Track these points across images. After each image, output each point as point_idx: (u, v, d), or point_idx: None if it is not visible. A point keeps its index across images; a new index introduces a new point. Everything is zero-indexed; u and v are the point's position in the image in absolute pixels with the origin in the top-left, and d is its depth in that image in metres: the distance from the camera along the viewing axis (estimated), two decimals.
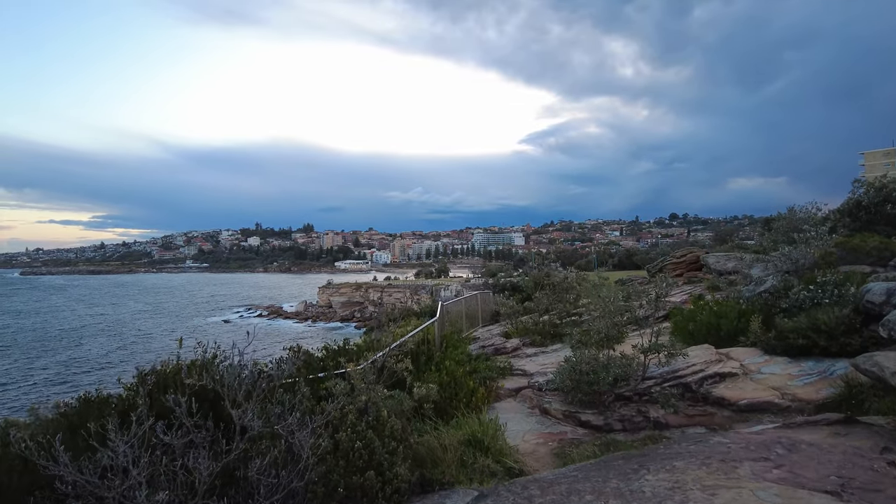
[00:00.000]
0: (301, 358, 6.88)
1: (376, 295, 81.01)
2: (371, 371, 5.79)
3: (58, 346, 46.48)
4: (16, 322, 64.76)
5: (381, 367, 5.88)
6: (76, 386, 31.05)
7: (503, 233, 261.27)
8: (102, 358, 40.88)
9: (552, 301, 12.28)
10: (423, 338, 8.89)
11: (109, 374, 33.84)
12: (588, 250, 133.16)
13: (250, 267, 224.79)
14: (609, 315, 6.62)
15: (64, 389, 31.16)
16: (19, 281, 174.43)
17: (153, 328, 58.77)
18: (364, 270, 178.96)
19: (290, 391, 4.87)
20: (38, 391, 31.41)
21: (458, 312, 14.31)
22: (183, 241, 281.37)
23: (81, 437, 3.86)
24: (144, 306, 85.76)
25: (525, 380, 8.51)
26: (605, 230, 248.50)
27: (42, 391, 31.41)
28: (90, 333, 55.45)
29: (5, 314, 74.76)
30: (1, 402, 28.98)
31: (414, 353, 7.86)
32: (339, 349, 7.02)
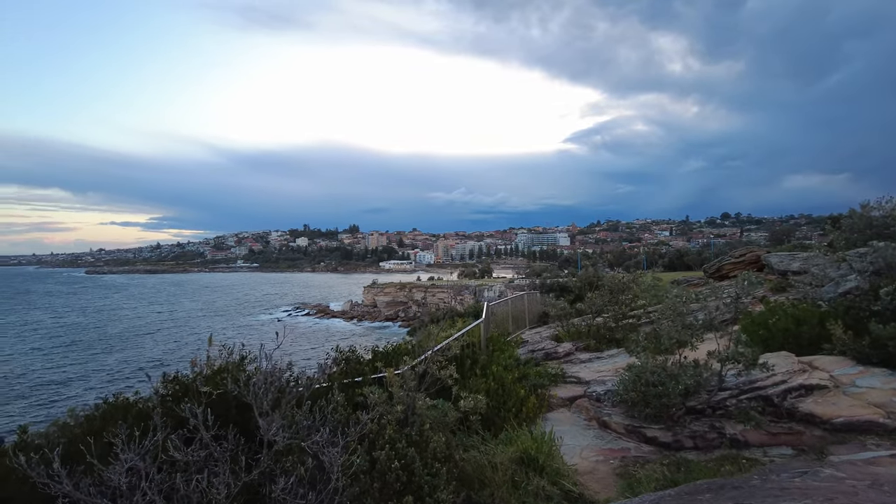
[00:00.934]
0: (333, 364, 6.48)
1: (420, 295, 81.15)
2: (412, 377, 5.28)
3: (118, 345, 48.28)
4: (82, 320, 67.94)
5: (423, 373, 5.35)
6: (132, 385, 31.99)
7: (547, 233, 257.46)
8: (158, 357, 42.14)
9: (606, 302, 11.45)
10: (468, 340, 8.33)
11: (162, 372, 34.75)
12: (637, 250, 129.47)
13: (298, 267, 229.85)
14: (680, 317, 5.86)
15: (120, 388, 32.21)
16: (85, 279, 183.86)
17: (207, 328, 60.43)
18: (408, 270, 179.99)
19: (325, 398, 4.41)
20: (98, 389, 32.58)
21: (503, 313, 13.67)
22: (234, 241, 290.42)
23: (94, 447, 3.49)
24: (199, 305, 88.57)
25: (580, 388, 7.82)
26: (653, 230, 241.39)
27: (105, 389, 32.50)
28: (148, 332, 57.50)
29: (73, 311, 78.78)
30: (62, 399, 30.16)
31: (459, 357, 7.31)
32: (376, 352, 6.54)
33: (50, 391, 31.69)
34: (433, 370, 5.27)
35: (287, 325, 66.99)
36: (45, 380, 34.93)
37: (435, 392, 5.61)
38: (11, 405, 28.69)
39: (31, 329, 60.00)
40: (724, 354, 5.68)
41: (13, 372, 36.80)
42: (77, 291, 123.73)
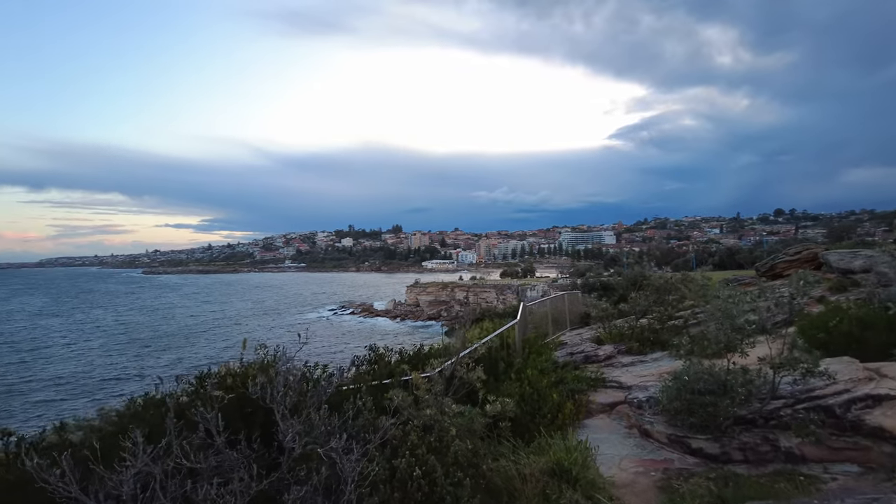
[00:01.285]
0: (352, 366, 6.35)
1: (462, 294, 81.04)
2: (439, 381, 5.08)
3: (172, 344, 50.05)
4: (140, 318, 70.98)
5: (451, 376, 5.14)
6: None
7: (592, 231, 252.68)
8: (211, 355, 43.44)
9: (651, 303, 10.91)
10: (502, 342, 8.06)
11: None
12: (686, 249, 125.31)
13: (344, 266, 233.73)
14: (729, 319, 5.42)
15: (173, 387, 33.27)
16: (141, 279, 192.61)
17: (257, 327, 62.08)
18: (450, 270, 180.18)
19: (351, 400, 4.26)
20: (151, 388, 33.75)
21: (542, 314, 13.30)
22: (282, 242, 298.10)
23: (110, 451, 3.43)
24: (250, 304, 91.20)
25: (621, 393, 7.43)
26: (703, 227, 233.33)
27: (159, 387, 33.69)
28: (202, 330, 59.50)
29: (132, 310, 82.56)
30: (117, 396, 31.45)
31: (490, 360, 7.06)
32: (404, 354, 6.37)
33: (107, 390, 32.97)
34: (461, 373, 5.05)
35: (333, 324, 68.32)
36: (108, 376, 36.54)
37: (464, 395, 5.39)
38: (71, 402, 30.14)
39: (94, 327, 63.11)
40: (778, 360, 5.23)
41: (79, 369, 38.68)
42: (135, 291, 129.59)
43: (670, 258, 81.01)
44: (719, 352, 5.50)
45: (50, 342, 52.08)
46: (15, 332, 58.50)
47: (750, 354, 5.78)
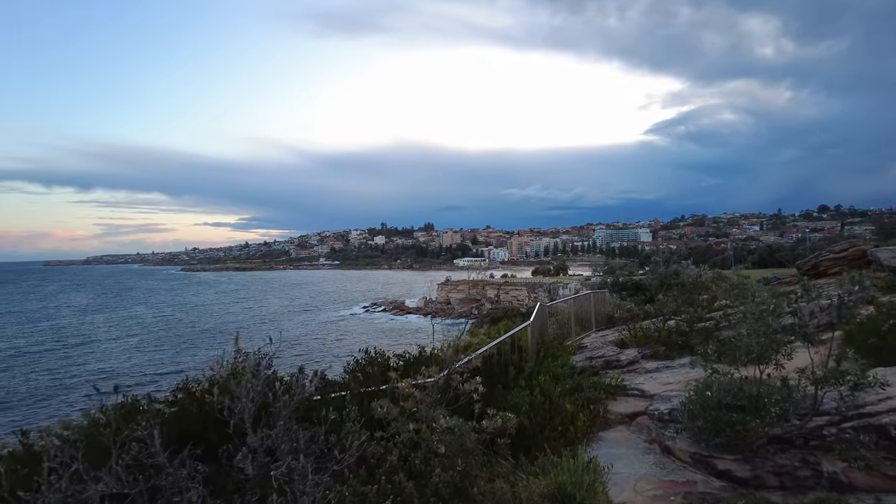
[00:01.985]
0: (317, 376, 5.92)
1: (493, 292, 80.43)
2: (432, 390, 4.59)
3: (210, 341, 50.85)
4: (179, 315, 72.69)
5: (446, 386, 4.64)
6: None
7: (627, 228, 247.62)
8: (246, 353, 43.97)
9: (680, 303, 10.12)
10: (514, 345, 7.51)
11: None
12: (724, 246, 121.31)
13: (376, 264, 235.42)
14: (763, 324, 4.76)
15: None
16: (181, 276, 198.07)
17: (292, 326, 62.82)
18: (482, 268, 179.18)
19: (324, 412, 3.82)
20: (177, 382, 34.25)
21: (566, 314, 12.66)
22: (317, 240, 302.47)
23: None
24: (285, 302, 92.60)
25: (643, 403, 6.79)
26: (742, 224, 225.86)
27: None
28: (237, 327, 60.48)
29: (171, 307, 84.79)
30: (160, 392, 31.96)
31: (499, 365, 6.54)
32: (404, 357, 5.87)
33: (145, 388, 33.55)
34: (456, 382, 4.55)
35: (363, 321, 68.73)
36: (148, 371, 37.31)
37: (464, 405, 4.88)
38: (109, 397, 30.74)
39: (135, 323, 64.91)
40: (821, 371, 4.54)
41: (120, 364, 39.64)
42: (174, 288, 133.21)
43: (708, 256, 78.55)
44: (752, 361, 4.83)
45: (94, 337, 53.80)
46: (64, 328, 60.66)
47: (787, 366, 5.10)
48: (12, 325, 64.25)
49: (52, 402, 30.13)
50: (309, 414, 4.93)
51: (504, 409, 5.90)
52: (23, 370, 38.82)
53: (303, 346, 47.89)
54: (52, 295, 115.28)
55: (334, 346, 46.97)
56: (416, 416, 4.37)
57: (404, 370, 5.02)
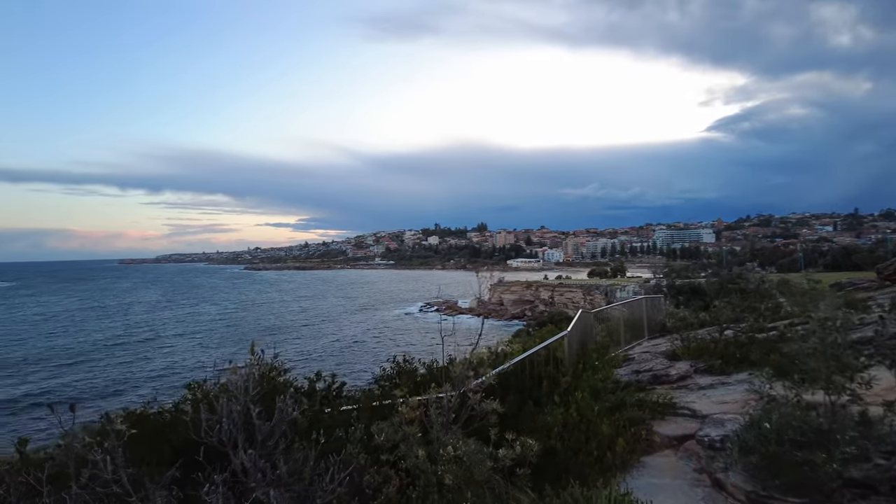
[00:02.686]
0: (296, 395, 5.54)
1: (547, 294, 78.99)
2: (449, 408, 4.14)
3: (269, 338, 52.19)
4: (241, 313, 75.19)
5: (461, 405, 4.18)
6: None
7: (689, 229, 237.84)
8: (304, 352, 44.79)
9: (739, 311, 9.14)
10: (549, 356, 6.93)
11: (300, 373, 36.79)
12: (793, 248, 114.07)
13: (430, 264, 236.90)
14: (833, 344, 4.02)
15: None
16: (244, 275, 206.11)
17: (349, 325, 63.74)
18: (536, 269, 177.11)
19: (315, 434, 3.45)
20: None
21: (616, 320, 11.89)
22: (372, 240, 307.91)
23: None
24: (343, 301, 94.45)
25: (693, 424, 6.07)
26: (813, 225, 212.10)
27: None
28: (298, 325, 61.90)
29: (234, 304, 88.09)
30: None
31: (531, 379, 6.00)
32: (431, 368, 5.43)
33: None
34: (472, 401, 4.08)
35: (418, 321, 69.06)
36: (210, 369, 38.57)
37: (481, 428, 4.41)
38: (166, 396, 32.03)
39: (201, 320, 67.60)
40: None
41: (181, 362, 41.28)
42: (237, 286, 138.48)
43: (775, 258, 74.11)
44: (819, 386, 4.09)
45: (162, 333, 56.43)
46: (135, 323, 64.00)
47: (867, 391, 4.31)
48: (92, 319, 68.50)
49: (123, 396, 31.52)
50: (316, 427, 4.61)
51: (533, 430, 5.39)
52: (100, 363, 41.13)
53: (358, 347, 48.43)
54: (125, 291, 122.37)
55: (388, 346, 47.27)
56: (427, 438, 3.94)
57: (413, 387, 4.59)
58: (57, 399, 31.06)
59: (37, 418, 27.43)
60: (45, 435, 17.45)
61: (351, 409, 4.67)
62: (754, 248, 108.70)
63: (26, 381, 35.41)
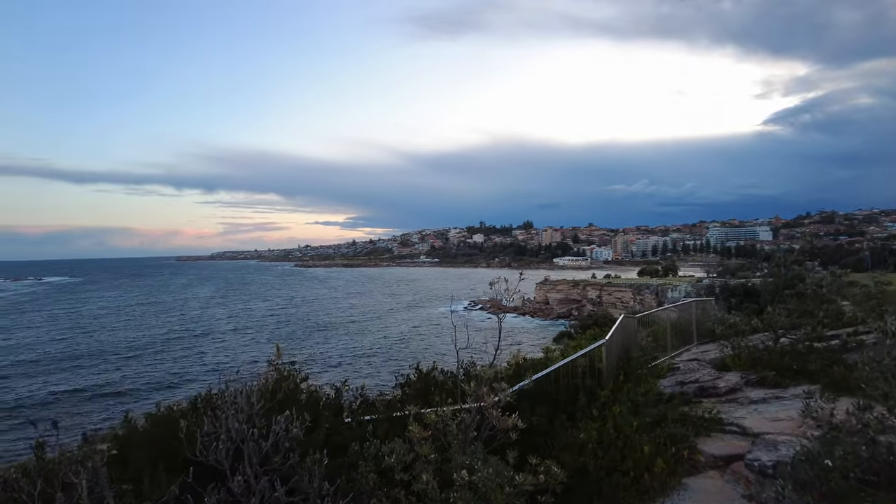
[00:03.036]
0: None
1: (595, 293, 77.35)
2: (471, 424, 3.87)
3: (316, 336, 53.13)
4: (291, 310, 76.94)
5: (481, 420, 3.91)
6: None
7: (745, 226, 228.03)
8: (349, 349, 45.35)
9: (795, 317, 8.37)
10: (590, 366, 6.53)
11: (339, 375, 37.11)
12: (858, 247, 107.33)
13: (475, 262, 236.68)
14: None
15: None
16: (294, 272, 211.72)
17: (396, 323, 64.26)
18: (583, 267, 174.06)
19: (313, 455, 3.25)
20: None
21: (662, 325, 11.29)
22: (418, 238, 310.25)
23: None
24: (389, 298, 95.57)
25: (742, 442, 5.57)
26: (882, 222, 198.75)
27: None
28: (345, 322, 62.79)
29: (286, 301, 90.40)
30: None
31: (567, 391, 5.64)
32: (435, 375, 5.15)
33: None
34: (493, 416, 3.80)
35: (464, 319, 69.01)
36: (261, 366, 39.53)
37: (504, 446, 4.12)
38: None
39: (252, 316, 69.54)
40: None
41: (233, 357, 42.52)
42: (287, 283, 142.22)
43: (838, 257, 69.97)
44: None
45: (216, 328, 58.42)
46: (190, 319, 66.53)
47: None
48: (151, 314, 71.75)
49: (178, 390, 32.62)
50: (332, 442, 4.43)
51: (566, 447, 5.06)
52: (158, 356, 42.96)
53: (404, 344, 48.66)
54: (182, 287, 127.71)
55: (433, 343, 47.45)
56: (445, 456, 3.68)
57: (423, 398, 4.33)
58: (116, 390, 32.66)
59: (102, 408, 28.86)
60: (107, 426, 18.24)
61: (369, 419, 4.47)
62: (815, 247, 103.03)
63: (92, 373, 37.39)
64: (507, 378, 5.26)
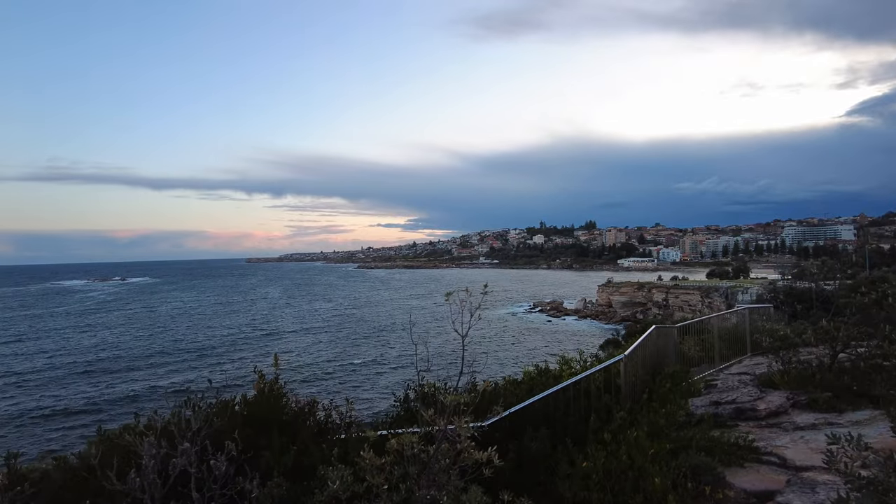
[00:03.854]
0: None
1: (660, 296, 74.38)
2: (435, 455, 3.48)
3: (376, 340, 53.61)
4: (355, 312, 78.40)
5: (459, 451, 3.51)
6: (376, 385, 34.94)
7: (825, 225, 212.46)
8: (402, 352, 45.58)
9: (855, 331, 7.23)
10: (610, 382, 5.93)
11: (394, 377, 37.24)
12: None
13: (534, 264, 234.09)
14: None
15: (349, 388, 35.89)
16: (357, 273, 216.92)
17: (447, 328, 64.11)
18: (649, 269, 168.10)
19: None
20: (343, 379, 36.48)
21: (711, 334, 10.38)
22: (477, 239, 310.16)
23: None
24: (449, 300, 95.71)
25: (782, 476, 4.83)
26: None
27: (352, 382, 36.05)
28: (404, 324, 63.22)
29: (350, 302, 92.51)
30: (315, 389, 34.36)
31: (575, 412, 5.12)
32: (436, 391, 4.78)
33: (313, 387, 35.60)
34: (465, 448, 3.40)
35: (523, 321, 68.27)
36: (322, 369, 40.43)
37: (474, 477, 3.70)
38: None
39: (317, 318, 71.30)
40: None
41: (296, 359, 43.57)
42: (350, 284, 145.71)
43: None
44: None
45: (281, 328, 60.40)
46: (257, 319, 69.14)
47: None
48: (221, 314, 75.17)
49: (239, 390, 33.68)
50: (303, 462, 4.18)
51: (568, 477, 4.58)
52: (226, 356, 44.74)
53: (461, 348, 48.15)
54: (251, 288, 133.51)
55: (492, 347, 46.89)
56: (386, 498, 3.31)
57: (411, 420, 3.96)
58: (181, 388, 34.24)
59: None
60: None
61: (337, 440, 4.19)
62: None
63: (167, 371, 39.41)
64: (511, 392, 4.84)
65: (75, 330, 60.46)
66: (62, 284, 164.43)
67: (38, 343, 51.11)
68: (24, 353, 46.21)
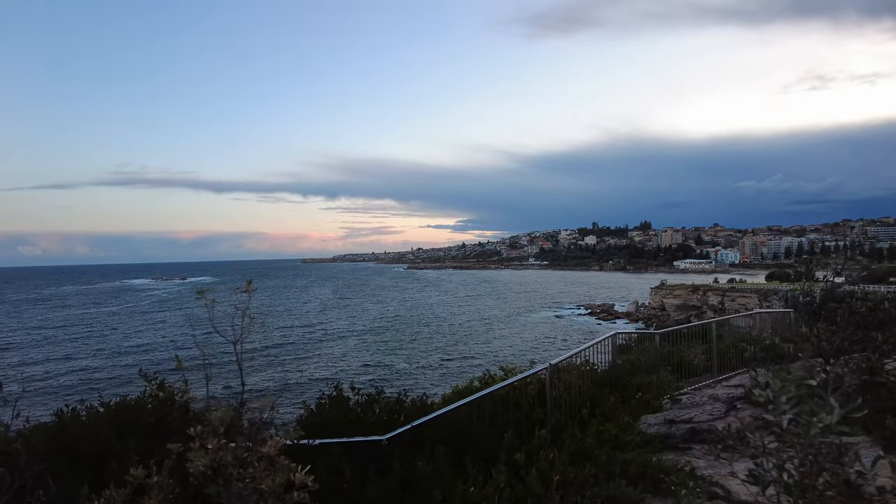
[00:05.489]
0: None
1: (716, 299, 71.28)
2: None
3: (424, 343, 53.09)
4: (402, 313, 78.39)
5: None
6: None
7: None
8: (445, 354, 45.07)
9: (850, 342, 6.14)
10: (541, 392, 5.28)
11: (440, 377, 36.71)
12: None
13: (586, 265, 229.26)
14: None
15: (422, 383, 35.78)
16: (407, 274, 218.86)
17: (501, 327, 63.45)
18: (706, 271, 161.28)
19: None
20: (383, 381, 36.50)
21: (712, 343, 9.46)
22: (526, 240, 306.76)
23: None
24: (499, 301, 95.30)
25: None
26: None
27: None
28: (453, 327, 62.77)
29: (400, 303, 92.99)
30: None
31: (490, 428, 4.53)
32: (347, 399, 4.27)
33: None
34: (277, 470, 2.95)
35: (571, 323, 66.94)
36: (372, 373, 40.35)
37: None
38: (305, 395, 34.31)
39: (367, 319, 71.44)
40: None
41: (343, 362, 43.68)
42: (400, 285, 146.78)
43: None
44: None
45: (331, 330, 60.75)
46: (312, 322, 69.79)
47: None
48: (274, 314, 76.55)
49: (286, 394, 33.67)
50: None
51: (463, 503, 4.08)
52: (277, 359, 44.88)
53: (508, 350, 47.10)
54: (304, 288, 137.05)
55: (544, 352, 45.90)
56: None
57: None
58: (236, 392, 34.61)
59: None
60: None
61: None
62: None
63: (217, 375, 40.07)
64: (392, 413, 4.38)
65: (137, 326, 63.63)
66: (131, 283, 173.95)
67: (101, 341, 53.65)
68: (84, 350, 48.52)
